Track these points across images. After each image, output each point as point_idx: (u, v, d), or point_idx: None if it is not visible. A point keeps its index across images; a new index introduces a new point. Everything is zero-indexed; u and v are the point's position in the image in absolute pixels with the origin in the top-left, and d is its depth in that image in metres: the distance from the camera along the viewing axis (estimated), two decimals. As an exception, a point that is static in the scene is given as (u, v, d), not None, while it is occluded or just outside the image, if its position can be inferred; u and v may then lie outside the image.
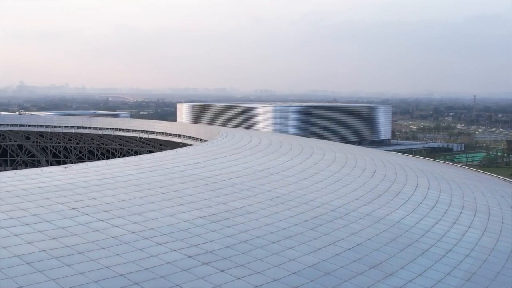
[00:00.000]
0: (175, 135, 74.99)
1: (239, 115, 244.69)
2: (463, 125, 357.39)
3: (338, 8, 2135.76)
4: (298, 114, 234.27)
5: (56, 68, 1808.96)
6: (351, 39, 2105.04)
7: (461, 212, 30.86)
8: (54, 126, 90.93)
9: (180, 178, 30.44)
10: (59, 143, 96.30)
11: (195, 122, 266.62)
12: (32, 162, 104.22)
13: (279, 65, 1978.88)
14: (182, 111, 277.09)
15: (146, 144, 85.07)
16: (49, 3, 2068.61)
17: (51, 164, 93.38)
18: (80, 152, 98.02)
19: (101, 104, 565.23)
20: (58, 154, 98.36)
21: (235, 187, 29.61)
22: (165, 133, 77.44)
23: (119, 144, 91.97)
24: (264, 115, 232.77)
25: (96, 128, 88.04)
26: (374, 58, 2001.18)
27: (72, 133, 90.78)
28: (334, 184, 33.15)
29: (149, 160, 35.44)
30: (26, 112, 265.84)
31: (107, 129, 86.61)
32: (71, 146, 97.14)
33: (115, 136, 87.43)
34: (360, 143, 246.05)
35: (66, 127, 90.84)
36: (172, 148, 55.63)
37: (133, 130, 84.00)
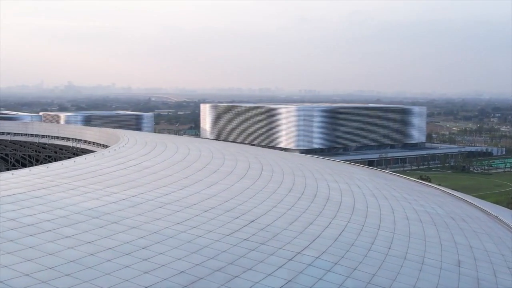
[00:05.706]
0: (102, 145, 64.18)
1: (262, 116, 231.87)
2: (508, 127, 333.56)
3: (383, 7, 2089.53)
4: (324, 115, 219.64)
5: (103, 68, 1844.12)
6: (397, 38, 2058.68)
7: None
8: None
9: None
10: (13, 150, 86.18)
11: (217, 123, 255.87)
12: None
13: (324, 65, 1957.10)
14: (206, 112, 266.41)
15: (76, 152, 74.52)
16: (97, 4, 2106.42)
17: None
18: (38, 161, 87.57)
19: (142, 104, 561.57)
20: (17, 163, 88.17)
21: None
22: (94, 142, 66.87)
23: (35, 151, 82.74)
24: (287, 116, 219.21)
25: (32, 135, 79.24)
26: (421, 57, 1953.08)
27: (7, 140, 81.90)
28: (104, 264, 19.52)
29: None
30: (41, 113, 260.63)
31: (43, 136, 77.14)
32: (22, 154, 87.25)
33: (50, 145, 77.42)
34: (392, 146, 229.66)
35: (2, 133, 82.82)
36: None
37: (68, 139, 73.48)
